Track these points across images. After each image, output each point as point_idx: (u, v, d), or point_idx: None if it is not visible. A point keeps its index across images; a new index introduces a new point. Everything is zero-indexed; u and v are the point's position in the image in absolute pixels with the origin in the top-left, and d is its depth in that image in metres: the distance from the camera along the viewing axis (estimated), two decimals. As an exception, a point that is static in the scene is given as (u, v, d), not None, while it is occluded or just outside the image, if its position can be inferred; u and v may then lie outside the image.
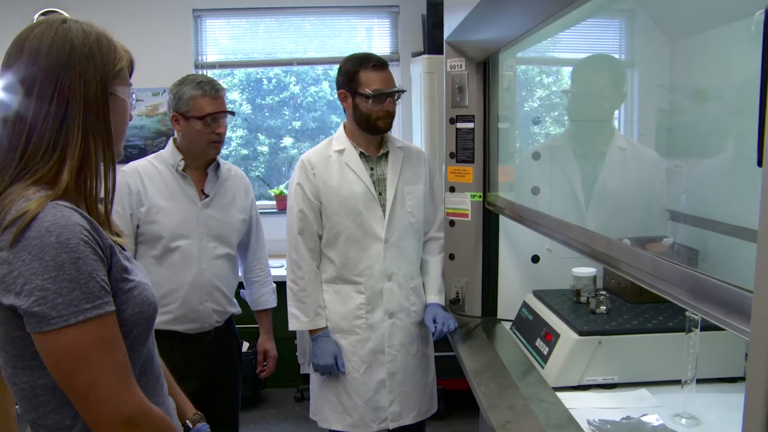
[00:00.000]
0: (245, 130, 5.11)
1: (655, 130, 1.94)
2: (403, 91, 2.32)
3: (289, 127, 5.07)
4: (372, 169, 2.37)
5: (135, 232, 2.22)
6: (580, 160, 2.19)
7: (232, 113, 2.31)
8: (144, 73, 4.22)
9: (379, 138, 2.39)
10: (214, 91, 2.21)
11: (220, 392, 2.37)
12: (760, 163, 0.62)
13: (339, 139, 2.39)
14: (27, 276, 1.00)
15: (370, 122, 2.29)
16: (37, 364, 1.07)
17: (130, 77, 1.25)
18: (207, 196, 2.29)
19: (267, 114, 5.10)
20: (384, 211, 2.34)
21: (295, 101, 5.06)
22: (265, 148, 5.11)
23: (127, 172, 2.24)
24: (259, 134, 5.11)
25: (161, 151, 2.33)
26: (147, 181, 2.23)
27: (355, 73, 2.27)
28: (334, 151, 2.36)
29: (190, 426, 1.42)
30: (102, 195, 1.18)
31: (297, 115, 5.06)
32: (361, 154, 2.36)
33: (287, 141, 5.06)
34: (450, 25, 2.21)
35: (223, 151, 5.02)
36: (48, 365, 1.05)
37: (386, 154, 2.39)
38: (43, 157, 1.09)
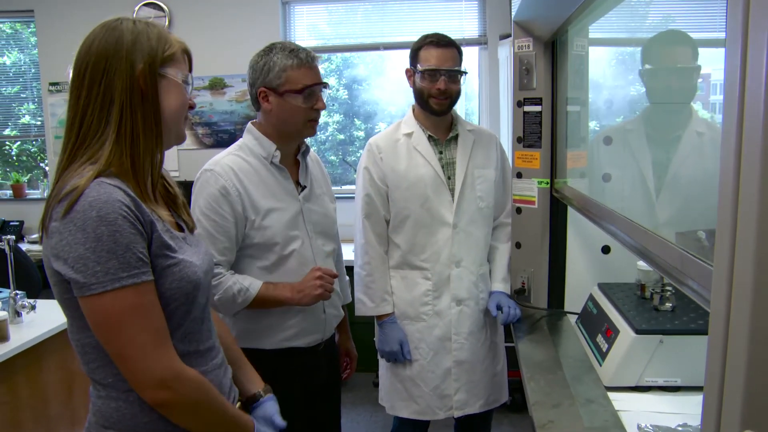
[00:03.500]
0: (341, 115, 5.17)
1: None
2: (460, 72, 2.23)
3: (385, 112, 5.08)
4: (441, 152, 2.31)
5: (239, 243, 1.89)
6: (652, 145, 2.02)
7: (327, 85, 1.96)
8: (233, 60, 4.46)
9: (448, 121, 2.33)
10: (310, 59, 1.88)
11: (326, 400, 2.16)
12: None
13: (407, 122, 2.35)
14: (72, 245, 1.10)
15: (423, 99, 2.25)
16: (84, 325, 1.17)
17: (190, 68, 1.31)
18: (303, 187, 2.00)
19: (364, 99, 5.13)
20: (453, 195, 2.28)
21: (391, 86, 5.06)
22: (361, 133, 5.14)
23: (219, 173, 1.85)
24: (355, 119, 5.15)
25: (241, 140, 1.98)
26: (246, 180, 1.88)
27: (417, 50, 2.24)
28: (403, 134, 2.32)
29: (263, 394, 1.50)
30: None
31: (393, 99, 5.06)
32: (430, 138, 2.31)
33: (382, 126, 5.07)
34: (516, 1, 2.12)
35: (320, 136, 5.19)
36: (91, 327, 1.16)
37: (456, 138, 2.33)
38: (95, 137, 1.18)
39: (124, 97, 1.17)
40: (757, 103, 0.50)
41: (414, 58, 2.25)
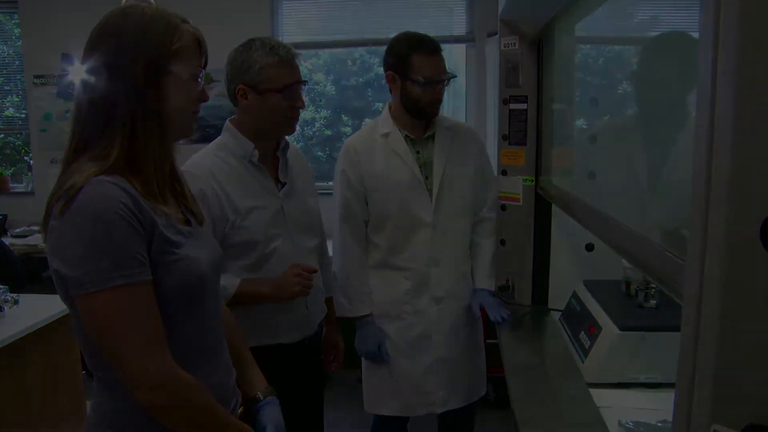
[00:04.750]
0: (329, 111, 5.17)
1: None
2: (453, 77, 2.22)
3: (373, 108, 5.07)
4: (418, 152, 2.28)
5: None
6: (647, 145, 2.03)
7: (306, 82, 1.95)
8: (221, 54, 4.36)
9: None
10: (290, 57, 1.85)
11: (310, 396, 2.17)
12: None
13: (384, 122, 2.31)
14: (68, 243, 1.08)
15: (419, 108, 2.20)
16: None
17: (203, 59, 1.26)
18: (283, 184, 1.98)
19: (351, 95, 5.12)
20: (431, 196, 2.25)
21: (378, 82, 5.05)
22: (348, 129, 5.15)
23: (197, 176, 1.79)
24: (342, 115, 5.15)
25: (219, 139, 1.95)
26: (225, 181, 1.85)
27: (407, 56, 2.15)
28: (380, 135, 2.29)
29: (261, 398, 1.47)
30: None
31: (381, 96, 5.06)
32: (407, 138, 2.28)
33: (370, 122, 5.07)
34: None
35: (308, 132, 5.16)
36: (84, 326, 1.13)
37: (433, 136, 2.30)
38: (101, 134, 1.15)
39: (129, 95, 1.15)
40: (728, 102, 0.51)
41: (403, 66, 2.17)
